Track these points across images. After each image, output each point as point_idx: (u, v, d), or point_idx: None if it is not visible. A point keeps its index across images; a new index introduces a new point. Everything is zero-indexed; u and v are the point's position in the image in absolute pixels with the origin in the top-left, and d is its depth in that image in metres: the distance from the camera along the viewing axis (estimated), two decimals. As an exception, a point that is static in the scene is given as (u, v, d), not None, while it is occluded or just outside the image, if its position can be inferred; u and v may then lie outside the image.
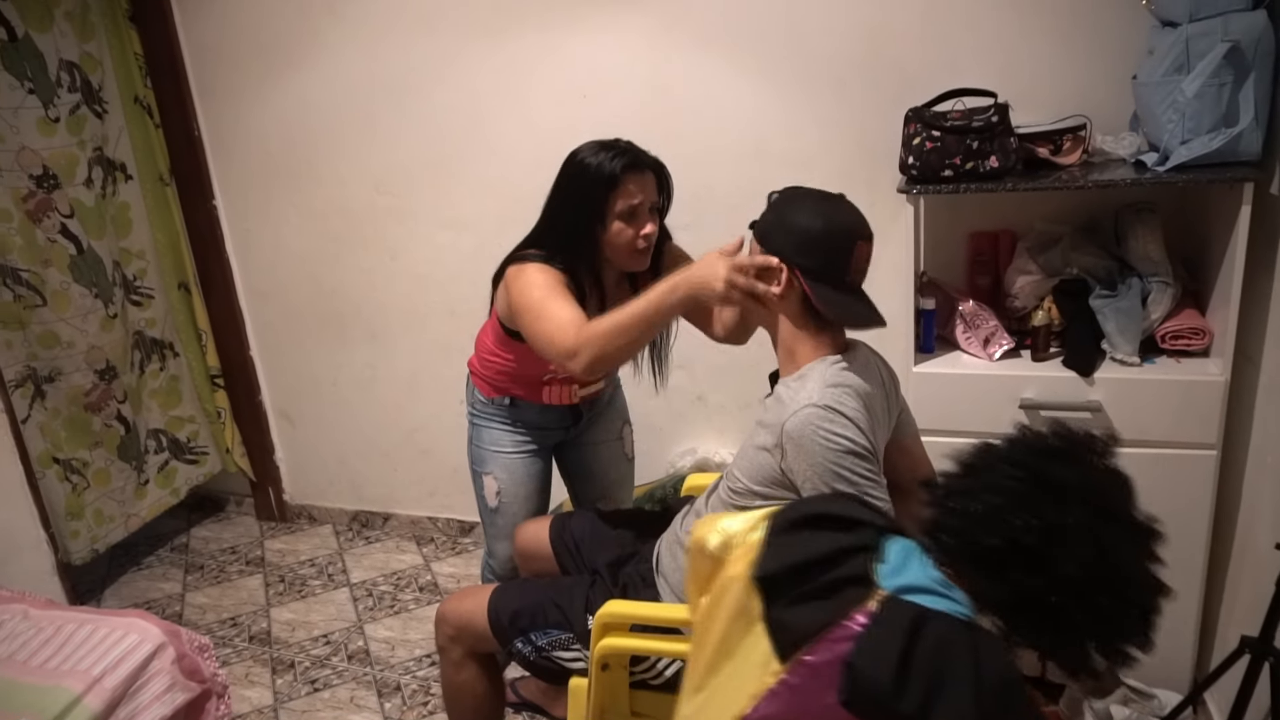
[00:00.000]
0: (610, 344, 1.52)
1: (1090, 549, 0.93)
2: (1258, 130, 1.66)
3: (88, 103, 2.64)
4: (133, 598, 2.83)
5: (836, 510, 1.15)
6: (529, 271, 1.67)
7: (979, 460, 1.04)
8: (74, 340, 2.64)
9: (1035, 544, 0.94)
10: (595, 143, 1.69)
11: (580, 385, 1.90)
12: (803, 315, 1.43)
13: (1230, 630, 1.84)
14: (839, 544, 1.07)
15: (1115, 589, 0.94)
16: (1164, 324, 1.85)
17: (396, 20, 2.53)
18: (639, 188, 1.66)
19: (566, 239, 1.70)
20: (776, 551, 1.09)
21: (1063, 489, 0.95)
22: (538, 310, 1.62)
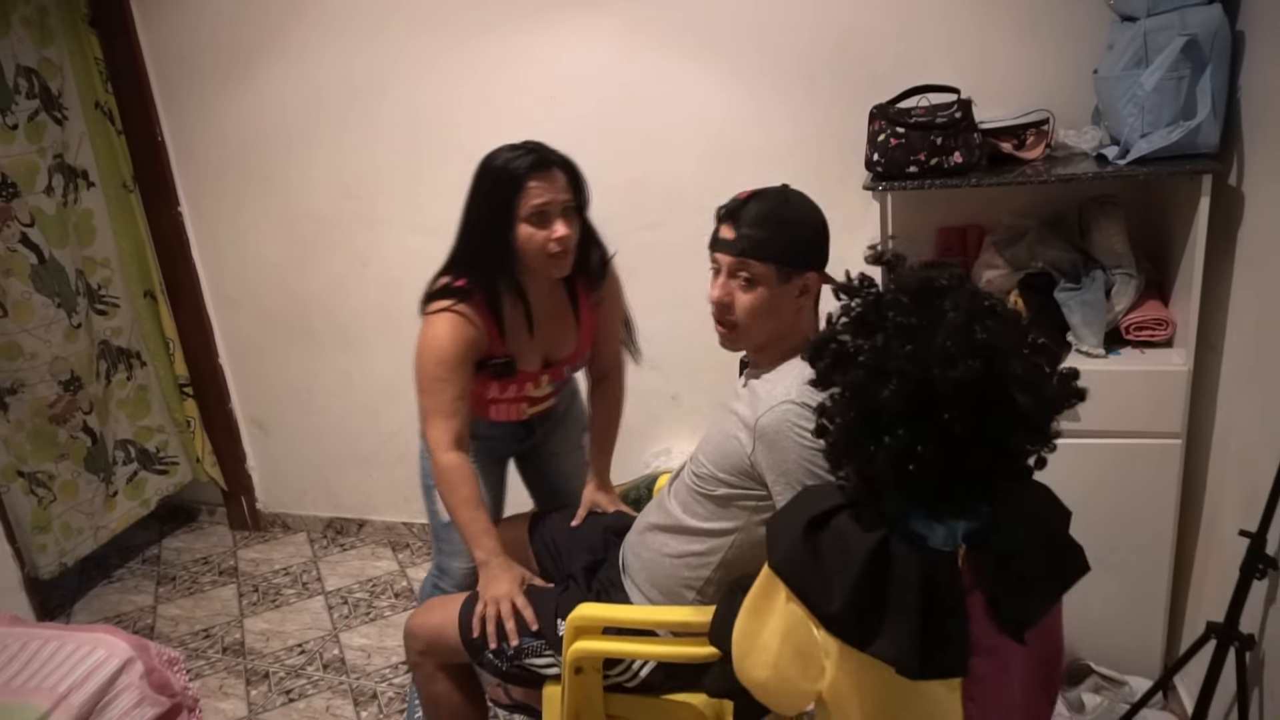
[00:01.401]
0: (439, 486, 1.69)
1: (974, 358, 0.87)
2: (1215, 122, 1.68)
3: (47, 109, 2.59)
4: (103, 611, 2.78)
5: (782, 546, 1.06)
6: (434, 332, 1.63)
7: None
8: (37, 351, 2.60)
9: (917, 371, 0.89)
10: (504, 146, 1.64)
11: (529, 404, 1.85)
12: (811, 316, 1.44)
13: (1198, 616, 1.87)
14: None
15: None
16: (1128, 315, 1.87)
17: (362, 23, 2.50)
18: (545, 188, 1.59)
19: (482, 250, 1.65)
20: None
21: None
22: (427, 392, 1.65)
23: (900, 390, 0.88)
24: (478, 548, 1.65)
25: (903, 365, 0.88)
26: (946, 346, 0.88)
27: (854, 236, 2.29)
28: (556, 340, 1.78)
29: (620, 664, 1.56)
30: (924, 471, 0.89)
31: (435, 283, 1.69)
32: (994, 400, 0.88)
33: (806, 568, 0.96)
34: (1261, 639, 1.56)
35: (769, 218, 1.39)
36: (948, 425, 0.87)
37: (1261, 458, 1.55)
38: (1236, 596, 1.51)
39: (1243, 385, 1.71)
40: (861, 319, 0.95)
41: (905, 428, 0.88)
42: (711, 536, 1.48)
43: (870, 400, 0.90)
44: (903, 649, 0.91)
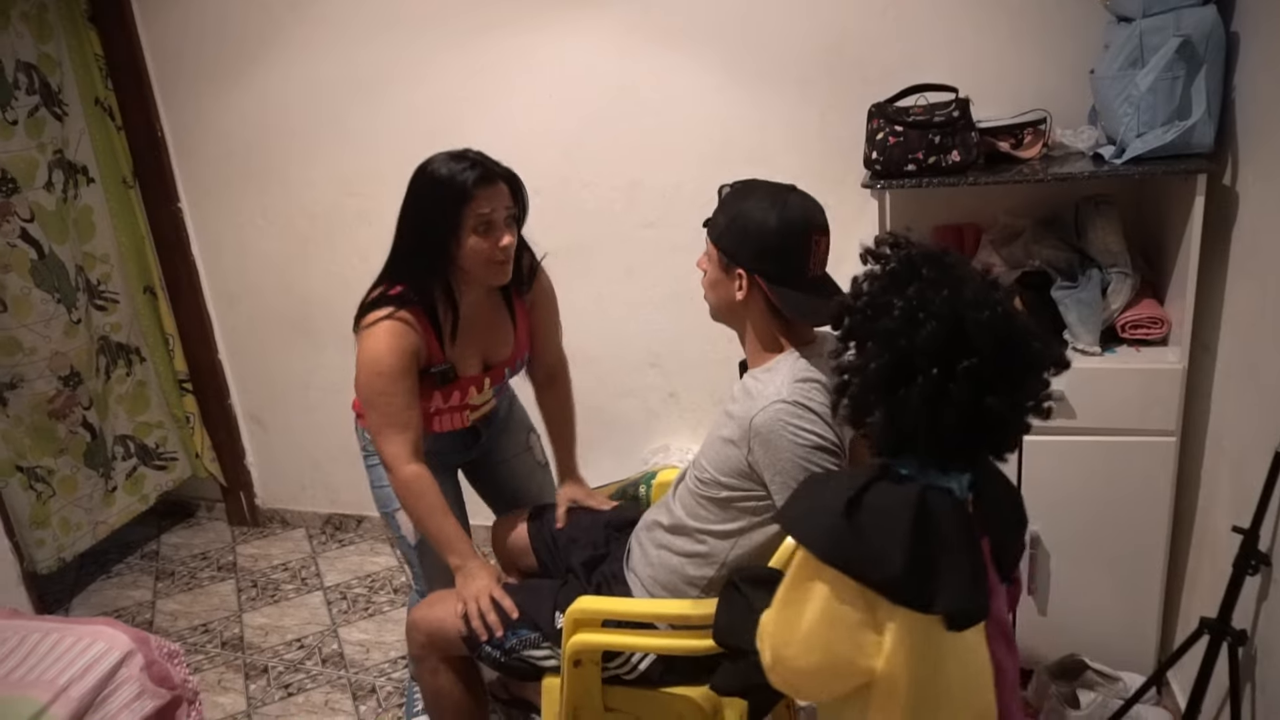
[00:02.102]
0: (404, 501, 1.72)
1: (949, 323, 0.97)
2: (1210, 122, 1.69)
3: (47, 105, 2.60)
4: (102, 606, 2.79)
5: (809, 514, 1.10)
6: (373, 345, 1.61)
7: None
8: (36, 346, 2.60)
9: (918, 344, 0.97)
10: (444, 154, 1.64)
11: (471, 410, 1.85)
12: (767, 314, 1.44)
13: (1192, 612, 1.89)
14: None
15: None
16: (1123, 314, 1.88)
17: (362, 20, 2.51)
18: (491, 199, 1.60)
19: (421, 258, 1.64)
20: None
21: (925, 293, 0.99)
22: (375, 406, 1.65)
23: (937, 332, 0.96)
24: (452, 554, 1.68)
25: (940, 309, 0.97)
26: (975, 295, 0.98)
27: (851, 235, 2.30)
28: (494, 343, 1.80)
29: (619, 656, 1.58)
30: (951, 410, 0.97)
31: (369, 295, 1.68)
32: (1011, 347, 0.98)
33: (856, 546, 1.01)
34: (1254, 634, 1.57)
35: (731, 205, 1.45)
36: (975, 367, 0.96)
37: (1254, 455, 1.56)
38: (1229, 592, 1.52)
39: (1236, 383, 1.72)
40: (895, 274, 1.03)
41: (938, 366, 0.96)
42: (715, 538, 1.49)
43: (907, 343, 0.98)
44: (965, 597, 0.99)
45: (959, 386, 0.96)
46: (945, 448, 1.01)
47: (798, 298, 1.40)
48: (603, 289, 2.57)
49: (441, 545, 1.70)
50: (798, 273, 1.40)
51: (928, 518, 1.00)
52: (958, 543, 1.01)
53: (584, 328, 2.61)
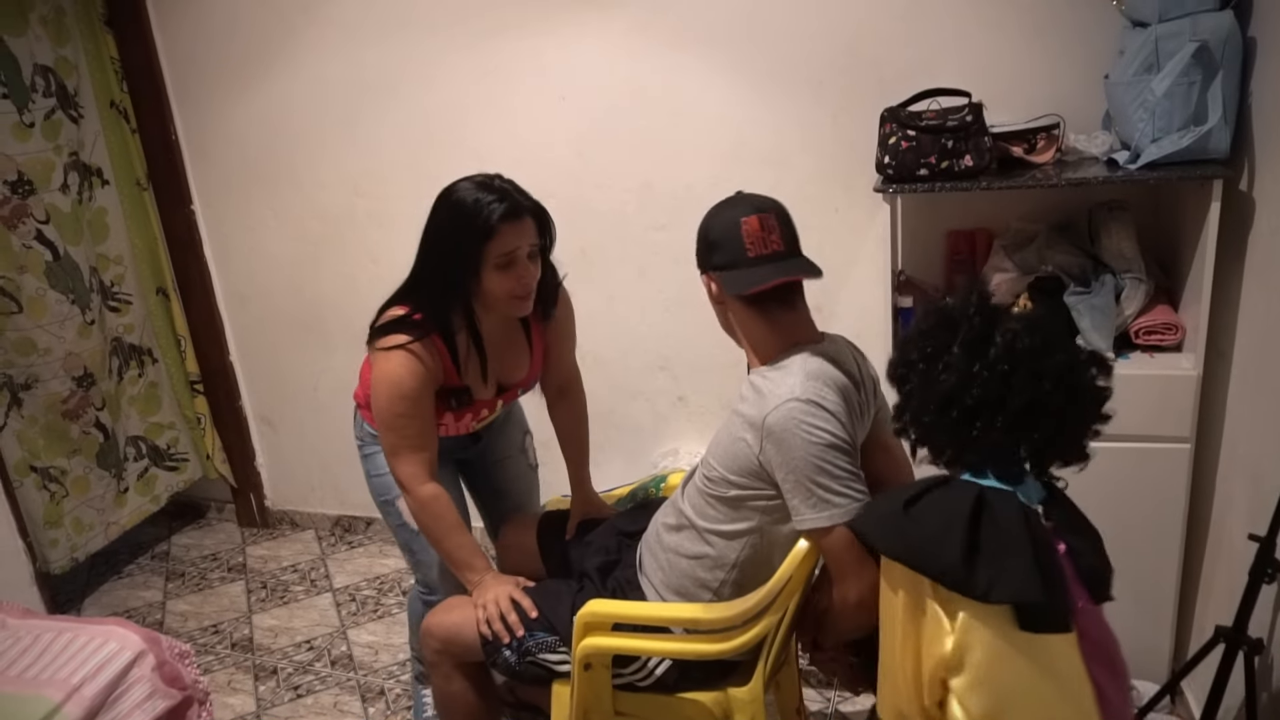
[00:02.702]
0: (419, 521, 1.71)
1: (1028, 379, 1.08)
2: (1226, 128, 1.68)
3: (63, 108, 2.62)
4: (113, 606, 2.80)
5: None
6: (393, 369, 1.60)
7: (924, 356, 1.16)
8: (51, 347, 2.62)
9: (985, 395, 1.09)
10: (472, 181, 1.59)
11: (477, 420, 1.84)
12: (744, 309, 1.46)
13: (1206, 620, 1.87)
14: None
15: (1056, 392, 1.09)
16: (1137, 320, 1.87)
17: (374, 23, 2.52)
18: (516, 236, 1.56)
19: (440, 288, 1.61)
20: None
21: (986, 346, 1.11)
22: (393, 429, 1.64)
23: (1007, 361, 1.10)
24: (470, 571, 1.68)
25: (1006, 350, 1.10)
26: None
27: (862, 238, 2.31)
28: (510, 366, 1.80)
29: (635, 663, 1.57)
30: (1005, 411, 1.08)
31: (385, 314, 1.67)
32: (1072, 390, 1.10)
33: (914, 534, 1.07)
34: (1270, 643, 1.56)
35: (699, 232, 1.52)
36: (1030, 393, 1.07)
37: (1270, 462, 1.55)
38: (1245, 601, 1.51)
39: (1251, 390, 1.71)
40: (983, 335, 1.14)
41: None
42: (725, 538, 1.48)
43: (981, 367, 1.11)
44: (1031, 590, 1.02)
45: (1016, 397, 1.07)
46: (993, 461, 1.11)
47: (735, 275, 1.43)
48: (614, 291, 2.57)
49: (458, 564, 1.69)
50: (737, 256, 1.43)
51: (987, 511, 1.05)
52: (1022, 538, 1.04)
53: (594, 330, 2.61)
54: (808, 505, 1.34)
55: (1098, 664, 1.09)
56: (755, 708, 1.54)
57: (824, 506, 1.33)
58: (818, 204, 2.32)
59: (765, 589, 1.41)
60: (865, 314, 2.29)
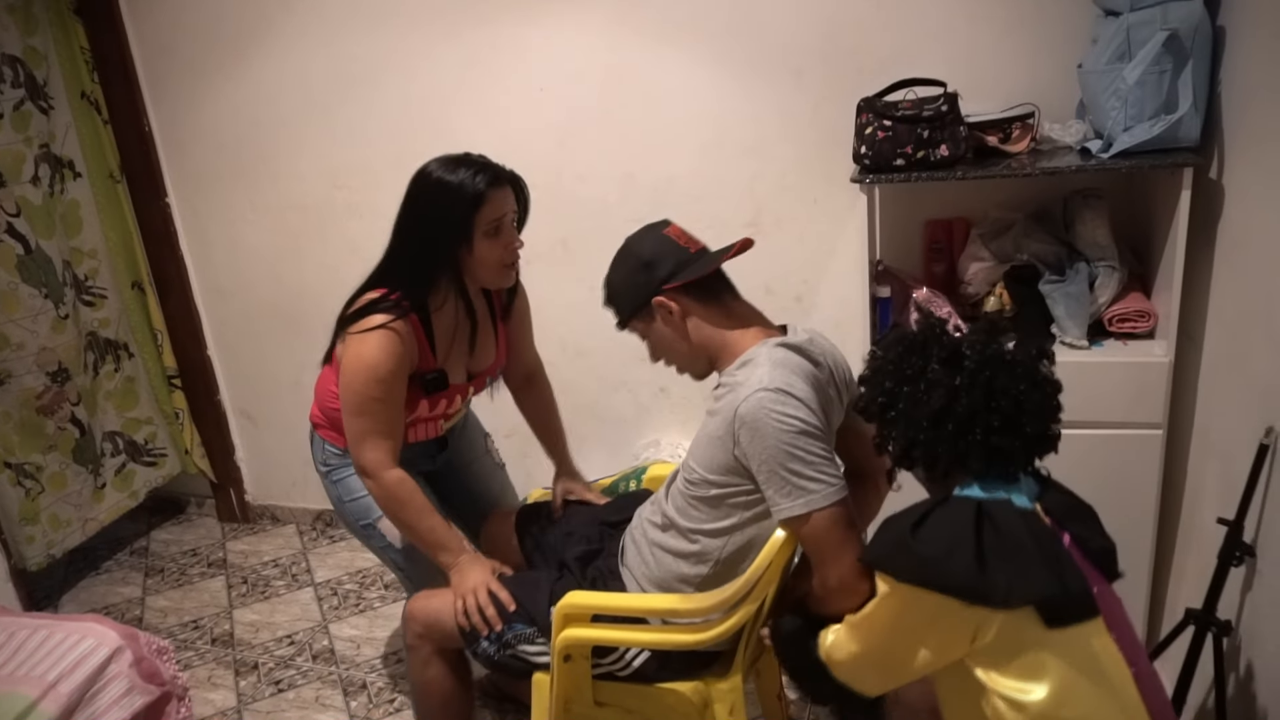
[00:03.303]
0: (389, 508, 1.69)
1: (983, 389, 1.16)
2: (1197, 116, 1.70)
3: (33, 98, 2.58)
4: (91, 603, 2.78)
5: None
6: (371, 350, 1.58)
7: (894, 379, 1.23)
8: (24, 342, 2.58)
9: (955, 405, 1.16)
10: (445, 159, 1.61)
11: (445, 419, 1.83)
12: (707, 310, 1.48)
13: (1179, 603, 1.90)
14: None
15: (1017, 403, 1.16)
16: (1111, 307, 1.89)
17: (350, 13, 2.50)
18: (502, 201, 1.60)
19: (422, 265, 1.61)
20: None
21: (955, 361, 1.19)
22: (366, 413, 1.62)
23: (976, 375, 1.17)
24: (445, 552, 1.67)
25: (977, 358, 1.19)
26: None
27: (840, 227, 2.32)
28: (482, 350, 1.80)
29: (613, 653, 1.58)
30: (992, 433, 1.15)
31: (359, 298, 1.65)
32: (1037, 383, 1.18)
33: (925, 557, 1.11)
34: (1239, 624, 1.59)
35: (608, 293, 1.54)
36: (1011, 392, 1.16)
37: (1240, 447, 1.57)
38: (1214, 583, 1.53)
39: (1222, 376, 1.73)
40: (913, 340, 1.24)
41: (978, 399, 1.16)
42: (708, 536, 1.49)
43: (956, 385, 1.18)
44: (1040, 582, 1.07)
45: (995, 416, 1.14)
46: (994, 462, 1.16)
47: (698, 264, 1.47)
48: (595, 282, 2.53)
49: (432, 547, 1.68)
50: (681, 258, 1.47)
51: (989, 522, 1.10)
52: (1025, 540, 1.09)
53: (576, 321, 2.61)
54: (782, 495, 1.35)
55: (1124, 643, 1.13)
56: (734, 696, 1.56)
57: (799, 494, 1.34)
58: (797, 194, 2.32)
59: (742, 579, 1.42)
60: (845, 304, 2.30)
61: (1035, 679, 1.09)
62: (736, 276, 1.55)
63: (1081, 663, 1.09)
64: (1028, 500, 1.17)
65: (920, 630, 1.15)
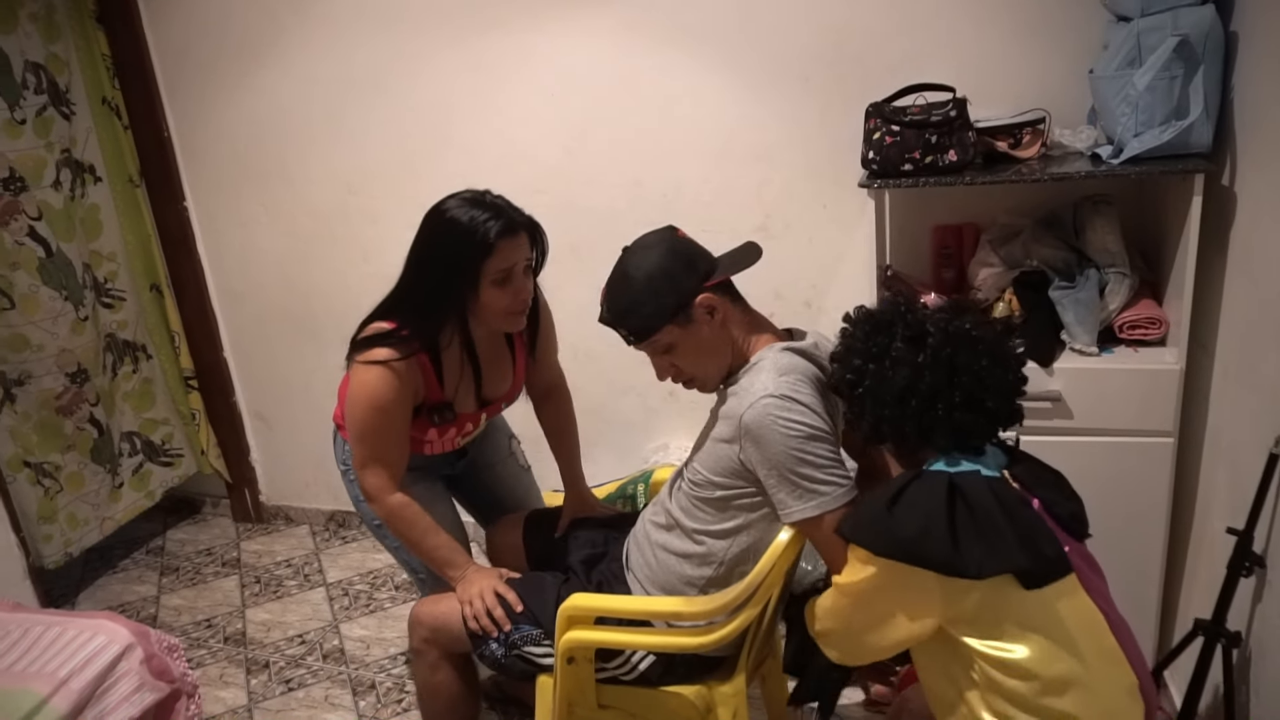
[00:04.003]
0: (394, 529, 1.71)
1: (946, 365, 1.20)
2: (1208, 122, 1.68)
3: (55, 104, 2.62)
4: (107, 601, 2.82)
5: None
6: (372, 382, 1.58)
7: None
8: (44, 343, 2.63)
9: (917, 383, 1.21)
10: (463, 197, 1.58)
11: (461, 435, 1.83)
12: (734, 309, 1.48)
13: (1189, 612, 1.87)
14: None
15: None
16: (1121, 314, 1.87)
17: (364, 20, 2.53)
18: (513, 251, 1.55)
19: (431, 304, 1.59)
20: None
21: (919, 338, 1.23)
22: (367, 440, 1.63)
23: (939, 349, 1.22)
24: (451, 568, 1.69)
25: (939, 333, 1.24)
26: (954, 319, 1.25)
27: (849, 233, 2.32)
28: (494, 381, 1.79)
29: (618, 657, 1.58)
30: (957, 405, 1.19)
31: (368, 327, 1.65)
32: (999, 359, 1.22)
33: (901, 533, 1.15)
34: (1249, 636, 1.57)
35: (620, 302, 1.44)
36: (974, 368, 1.20)
37: (1251, 456, 1.55)
38: (1223, 594, 1.52)
39: (1234, 384, 1.71)
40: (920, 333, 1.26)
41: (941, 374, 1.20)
42: (713, 537, 1.50)
43: (922, 360, 1.22)
44: (1011, 553, 1.11)
45: (960, 386, 1.19)
46: (958, 437, 1.20)
47: (728, 259, 1.48)
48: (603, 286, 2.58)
49: (439, 563, 1.70)
50: (708, 255, 1.47)
51: (960, 496, 1.14)
52: (995, 512, 1.13)
53: (585, 326, 2.60)
54: (793, 497, 1.35)
55: (1096, 594, 1.18)
56: (738, 701, 1.56)
57: (810, 496, 1.34)
58: (806, 200, 2.32)
59: (745, 582, 1.42)
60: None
61: (1018, 639, 1.13)
62: (746, 282, 1.55)
63: (1060, 618, 1.13)
64: (995, 469, 1.21)
65: (899, 597, 1.19)
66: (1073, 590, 1.15)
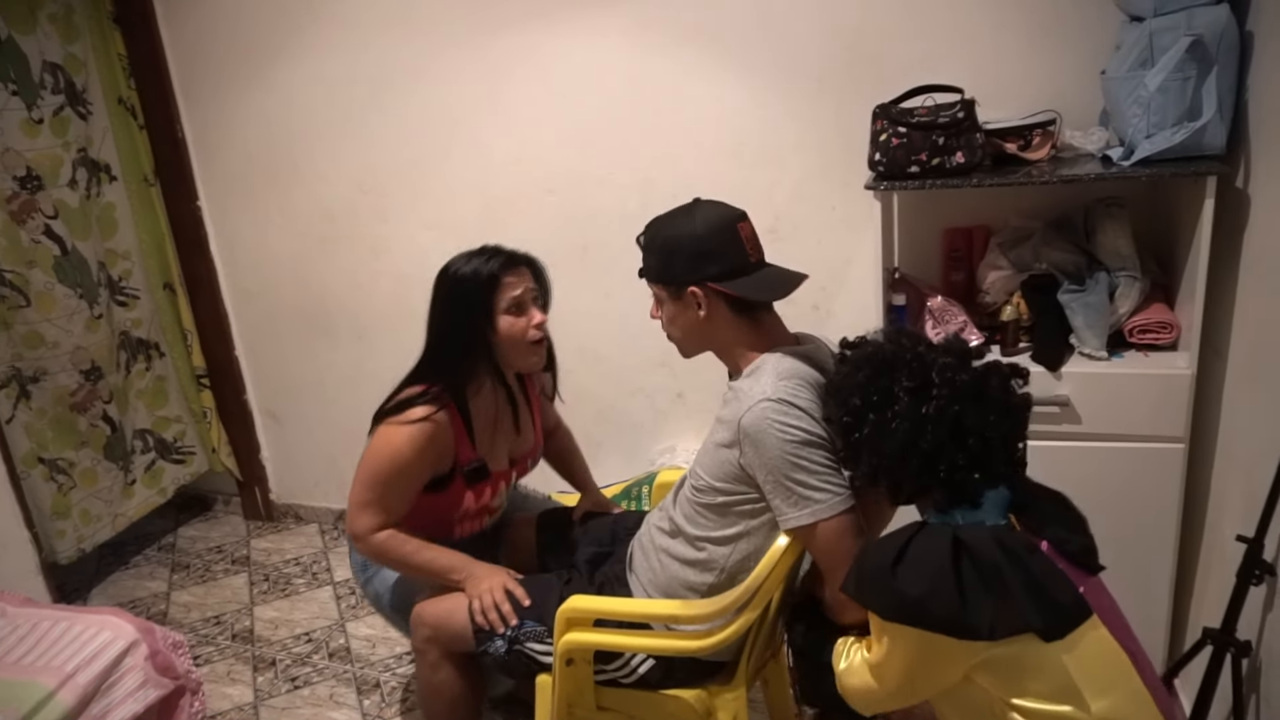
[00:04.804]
0: (386, 561, 1.73)
1: (949, 419, 1.15)
2: (1221, 124, 1.66)
3: (71, 104, 2.66)
4: (118, 597, 2.84)
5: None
6: (398, 440, 1.63)
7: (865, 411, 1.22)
8: (59, 341, 2.66)
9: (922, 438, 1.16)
10: (462, 254, 1.69)
11: (489, 514, 1.87)
12: (735, 319, 1.45)
13: (1200, 620, 1.85)
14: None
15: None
16: (1132, 318, 1.85)
17: (377, 20, 2.54)
18: (518, 281, 1.67)
19: (458, 354, 1.68)
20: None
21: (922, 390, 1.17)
22: (373, 488, 1.66)
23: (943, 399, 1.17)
24: (453, 571, 1.70)
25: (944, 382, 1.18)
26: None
27: (859, 235, 2.30)
28: (520, 436, 1.83)
29: (617, 659, 1.58)
30: (956, 451, 1.15)
31: (401, 392, 1.70)
32: (1007, 410, 1.18)
33: (907, 596, 1.09)
34: (1259, 646, 1.54)
35: (652, 241, 1.47)
36: (981, 428, 1.15)
37: (1264, 462, 1.53)
38: (1233, 602, 1.49)
39: (1246, 389, 1.69)
40: (879, 360, 1.23)
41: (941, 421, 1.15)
42: (716, 544, 1.49)
43: (925, 412, 1.17)
44: (1022, 612, 1.06)
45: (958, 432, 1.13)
46: (960, 490, 1.15)
47: (753, 281, 1.42)
48: (613, 288, 2.58)
49: (440, 572, 1.71)
50: (741, 262, 1.42)
51: (965, 553, 1.09)
52: (1003, 567, 1.08)
53: (594, 327, 2.63)
54: (789, 504, 1.34)
55: (1116, 630, 1.13)
56: (738, 705, 1.55)
57: (805, 504, 1.33)
58: (816, 202, 2.31)
59: (743, 587, 1.41)
60: (863, 312, 2.27)
61: (1039, 685, 1.08)
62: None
63: (1086, 663, 1.08)
64: (999, 515, 1.16)
65: (916, 657, 1.14)
66: (1095, 631, 1.10)
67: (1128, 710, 1.10)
